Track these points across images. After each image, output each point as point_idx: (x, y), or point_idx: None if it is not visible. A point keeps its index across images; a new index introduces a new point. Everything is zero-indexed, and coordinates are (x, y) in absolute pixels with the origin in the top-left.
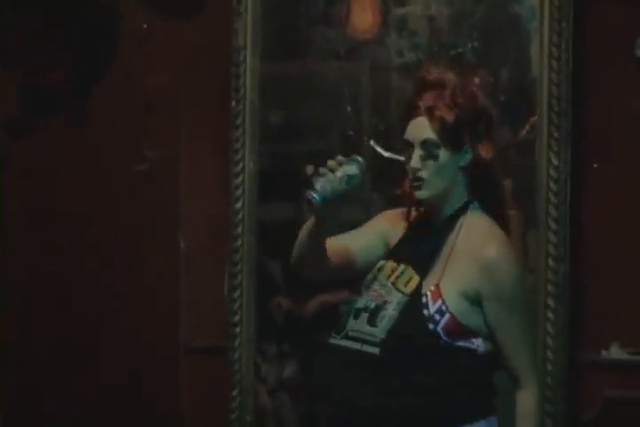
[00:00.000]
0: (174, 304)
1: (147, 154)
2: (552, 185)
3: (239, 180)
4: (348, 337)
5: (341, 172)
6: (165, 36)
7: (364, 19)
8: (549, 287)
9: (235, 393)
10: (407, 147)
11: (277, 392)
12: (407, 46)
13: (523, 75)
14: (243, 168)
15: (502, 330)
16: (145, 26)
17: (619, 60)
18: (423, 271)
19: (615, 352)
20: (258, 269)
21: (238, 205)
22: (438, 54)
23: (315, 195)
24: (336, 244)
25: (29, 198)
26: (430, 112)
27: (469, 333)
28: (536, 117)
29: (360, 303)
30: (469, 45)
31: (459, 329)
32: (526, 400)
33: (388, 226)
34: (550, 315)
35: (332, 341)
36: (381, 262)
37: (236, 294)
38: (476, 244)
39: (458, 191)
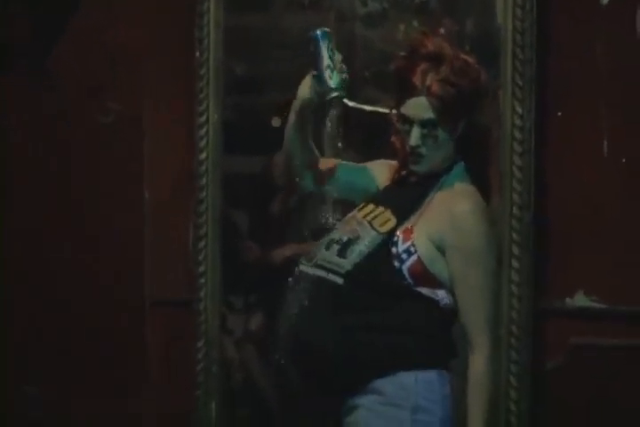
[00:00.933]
0: (139, 256)
1: (111, 106)
2: (516, 134)
3: (203, 131)
4: (316, 265)
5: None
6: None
7: None
8: (514, 235)
9: (200, 344)
10: (404, 122)
11: (244, 344)
12: None
13: (487, 23)
14: (207, 119)
15: (460, 282)
16: None
17: (583, 8)
18: (400, 216)
19: (580, 300)
20: (223, 220)
21: (202, 156)
22: (402, 3)
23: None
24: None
25: None
26: (429, 91)
27: (434, 282)
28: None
29: (334, 235)
30: None
31: (424, 274)
32: (476, 363)
33: (380, 170)
34: (515, 263)
35: (302, 268)
36: (362, 204)
37: (201, 245)
38: (452, 198)
39: (448, 155)
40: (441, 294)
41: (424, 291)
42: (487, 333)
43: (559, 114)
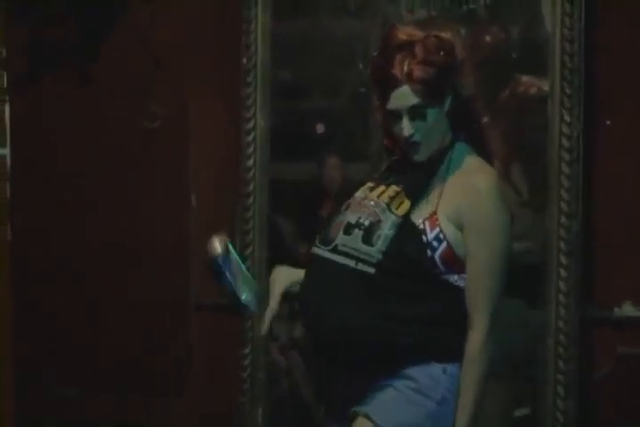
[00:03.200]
0: (185, 261)
1: (156, 111)
2: (564, 142)
3: (250, 137)
4: (338, 252)
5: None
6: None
7: None
8: (562, 245)
9: (246, 351)
10: (393, 117)
11: (288, 350)
12: (418, 2)
13: (535, 31)
14: (254, 126)
15: (470, 257)
16: None
17: (632, 16)
18: (415, 198)
19: (627, 310)
20: (269, 226)
21: (250, 162)
22: (449, 11)
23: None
24: None
25: (38, 156)
26: (409, 77)
27: (462, 265)
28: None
29: (350, 218)
30: (481, 1)
31: (454, 260)
32: (473, 340)
33: None
34: (563, 272)
35: (318, 251)
36: (369, 184)
37: (248, 251)
38: (468, 175)
39: (444, 134)
40: None
41: (453, 278)
42: (488, 311)
43: (607, 122)
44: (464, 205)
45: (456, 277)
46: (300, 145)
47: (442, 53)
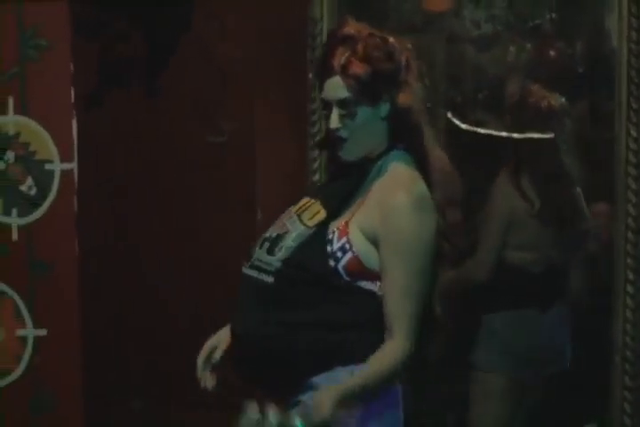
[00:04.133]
0: None
1: (223, 126)
2: (631, 157)
3: (316, 152)
4: (252, 266)
5: None
6: (241, 6)
7: None
8: (629, 260)
9: None
10: (325, 107)
11: None
12: (484, 18)
13: (601, 46)
14: None
15: (385, 277)
16: None
17: None
18: (330, 208)
19: None
20: None
21: (315, 177)
22: (516, 26)
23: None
24: None
25: (105, 170)
26: (344, 70)
27: (373, 275)
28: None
29: (267, 233)
30: (547, 16)
31: (361, 270)
32: (388, 347)
33: None
34: (630, 288)
35: (244, 270)
36: (306, 199)
37: None
38: (387, 188)
39: (379, 140)
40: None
41: (363, 284)
42: (406, 329)
43: None
44: (377, 219)
45: (367, 282)
46: None
47: (381, 55)
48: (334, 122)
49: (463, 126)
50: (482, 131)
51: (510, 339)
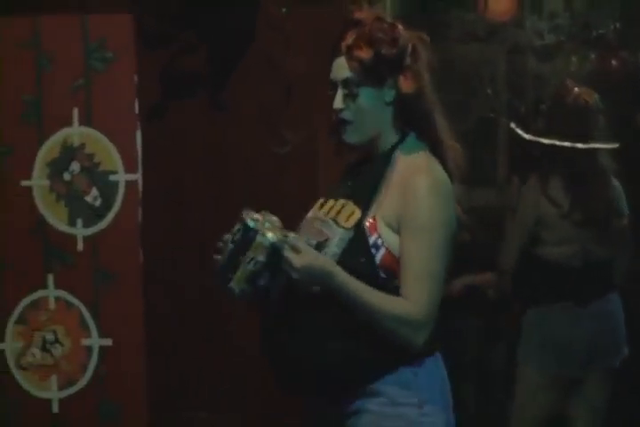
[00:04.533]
0: None
1: (287, 137)
2: None
3: None
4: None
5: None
6: (304, 19)
7: (502, 1)
8: None
9: None
10: (331, 88)
11: None
12: (547, 28)
13: None
14: None
15: (405, 261)
16: (284, 10)
17: None
18: (364, 205)
19: None
20: None
21: None
22: (580, 36)
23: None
24: None
25: (169, 181)
26: (348, 51)
27: None
28: None
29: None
30: (611, 26)
31: (395, 265)
32: (406, 304)
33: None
34: None
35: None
36: (320, 201)
37: None
38: (407, 175)
39: (388, 128)
40: None
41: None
42: (428, 311)
43: None
44: (399, 206)
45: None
46: None
47: (385, 39)
48: (338, 102)
49: (526, 137)
50: (546, 141)
51: (549, 333)
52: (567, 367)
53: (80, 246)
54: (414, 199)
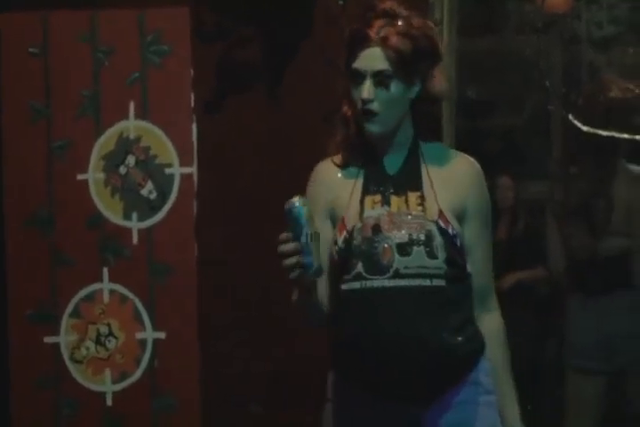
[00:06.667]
0: None
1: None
2: None
3: None
4: (401, 276)
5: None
6: (359, 14)
7: None
8: None
9: None
10: (356, 77)
11: None
12: (606, 19)
13: None
14: None
15: (476, 245)
16: (341, 2)
17: None
18: (428, 197)
19: None
20: None
21: None
22: (637, 27)
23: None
24: None
25: (224, 174)
26: (385, 42)
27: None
28: None
29: (398, 239)
30: None
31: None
32: (495, 320)
33: (326, 184)
34: None
35: (374, 284)
36: (370, 198)
37: None
38: (459, 165)
39: (406, 123)
40: None
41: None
42: (494, 292)
43: None
44: (465, 196)
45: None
46: (485, 162)
47: (422, 33)
48: (367, 92)
49: (584, 129)
50: (604, 133)
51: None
52: (597, 361)
53: (135, 240)
54: (479, 187)
